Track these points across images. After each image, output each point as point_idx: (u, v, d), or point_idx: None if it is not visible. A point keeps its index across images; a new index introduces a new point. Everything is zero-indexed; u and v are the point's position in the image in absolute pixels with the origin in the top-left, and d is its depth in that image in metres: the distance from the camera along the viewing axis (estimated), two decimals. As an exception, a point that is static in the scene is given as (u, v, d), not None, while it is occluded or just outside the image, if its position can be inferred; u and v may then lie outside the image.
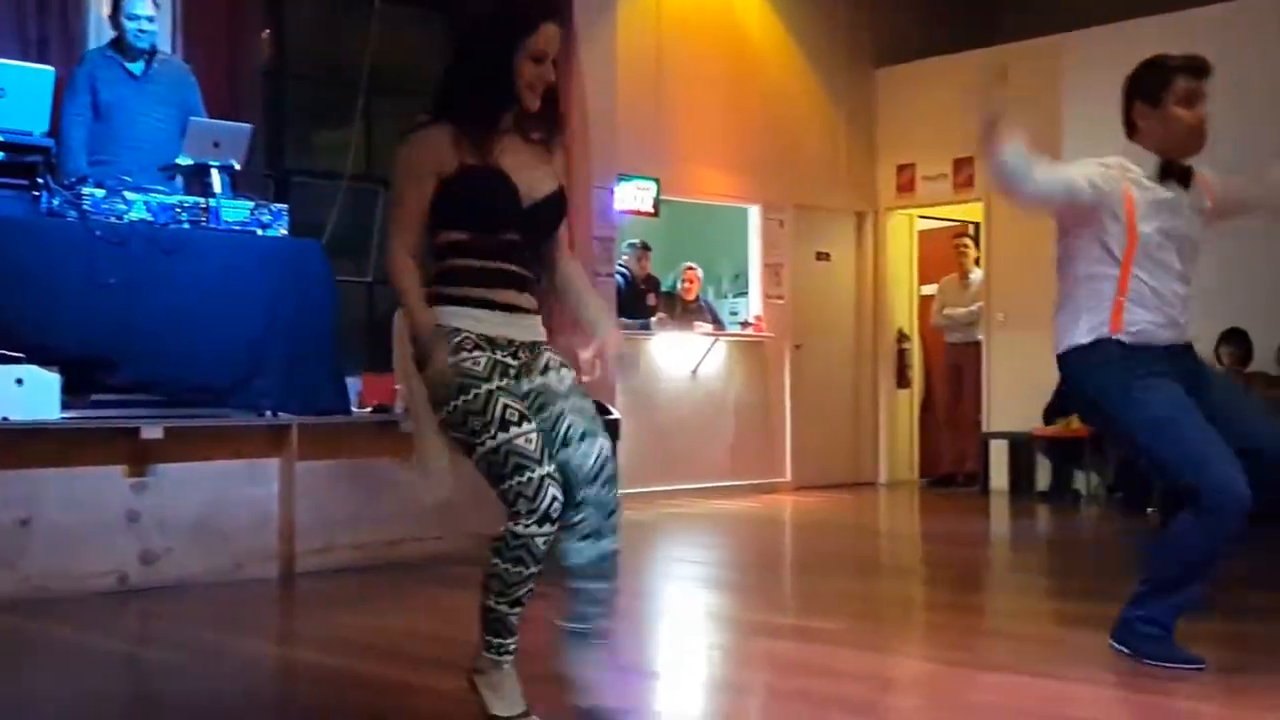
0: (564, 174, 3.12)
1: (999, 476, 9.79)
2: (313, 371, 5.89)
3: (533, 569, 2.84)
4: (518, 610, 2.91)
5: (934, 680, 3.74)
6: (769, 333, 9.81)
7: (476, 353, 2.85)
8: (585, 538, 2.90)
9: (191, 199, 5.71)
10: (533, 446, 2.80)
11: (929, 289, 10.75)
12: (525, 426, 2.81)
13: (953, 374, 10.49)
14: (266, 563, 5.45)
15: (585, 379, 3.03)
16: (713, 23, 9.34)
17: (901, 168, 10.55)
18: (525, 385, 2.94)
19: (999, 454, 9.79)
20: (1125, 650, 3.60)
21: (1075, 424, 9.05)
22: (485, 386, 2.82)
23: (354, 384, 6.80)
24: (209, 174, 5.72)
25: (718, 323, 9.78)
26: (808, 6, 10.03)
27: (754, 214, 9.90)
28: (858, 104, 10.51)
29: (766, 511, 8.43)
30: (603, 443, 2.93)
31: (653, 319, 9.14)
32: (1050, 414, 9.26)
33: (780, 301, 10.00)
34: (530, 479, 2.77)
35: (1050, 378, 9.69)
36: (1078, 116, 9.50)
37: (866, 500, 9.52)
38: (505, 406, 2.81)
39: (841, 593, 5.23)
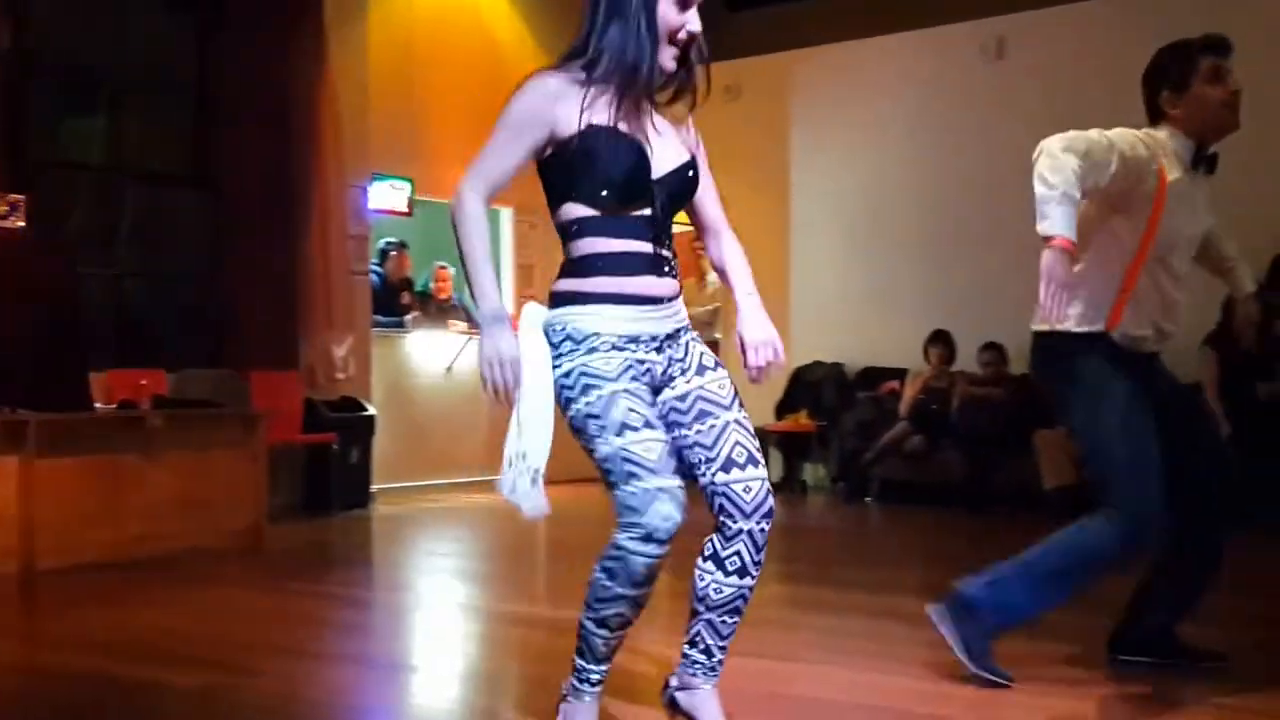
0: (695, 144, 2.72)
1: (734, 468, 10.06)
2: (54, 367, 5.57)
3: (626, 590, 2.50)
4: (605, 634, 2.59)
5: (670, 665, 3.81)
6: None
7: (611, 352, 2.52)
8: (732, 574, 2.59)
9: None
10: (652, 455, 2.45)
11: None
12: (647, 433, 2.47)
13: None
14: (4, 560, 5.14)
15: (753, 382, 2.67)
16: (463, 25, 9.24)
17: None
18: (681, 387, 2.61)
19: (735, 447, 10.06)
20: (944, 632, 3.40)
21: (803, 419, 9.43)
22: (610, 388, 2.49)
23: (101, 380, 6.48)
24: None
25: (471, 322, 9.70)
26: (553, 10, 10.02)
27: (506, 216, 9.88)
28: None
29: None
30: (765, 470, 2.62)
31: (407, 318, 9.02)
32: (781, 409, 9.62)
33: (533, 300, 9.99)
34: (639, 489, 2.44)
35: (782, 375, 10.06)
36: (803, 130, 9.90)
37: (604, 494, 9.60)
38: (628, 410, 2.48)
39: (568, 579, 5.26)
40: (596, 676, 2.66)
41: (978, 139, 8.94)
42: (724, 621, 2.65)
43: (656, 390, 2.61)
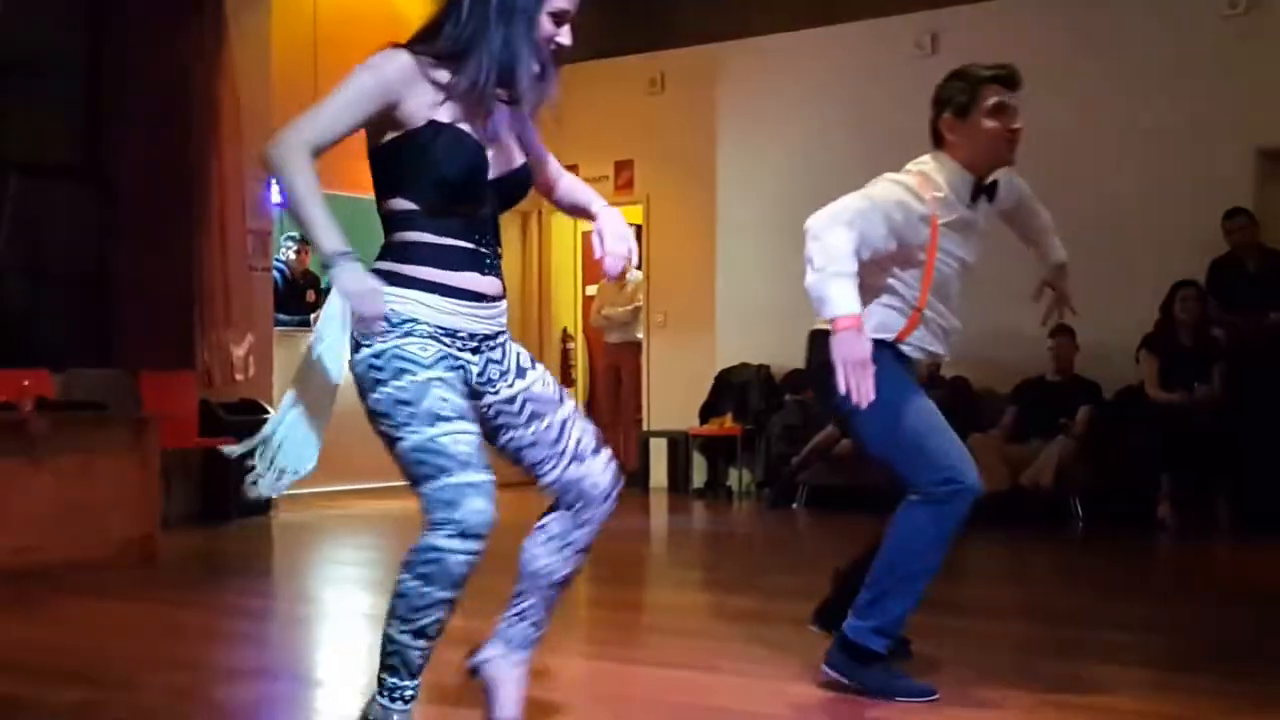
0: (532, 145, 2.76)
1: (658, 474, 10.07)
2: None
3: (445, 594, 2.46)
4: (423, 645, 2.52)
5: (592, 677, 3.79)
6: (433, 331, 9.71)
7: (428, 341, 2.50)
8: (581, 550, 2.74)
9: None
10: (464, 448, 2.44)
11: (593, 289, 10.95)
12: (460, 424, 2.46)
13: (612, 374, 10.72)
14: None
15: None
16: (372, 12, 9.14)
17: (565, 169, 10.68)
18: (505, 391, 2.63)
19: (658, 452, 10.07)
20: (845, 680, 3.40)
21: (728, 423, 9.44)
22: (424, 374, 2.46)
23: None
24: None
25: (382, 320, 9.60)
26: (468, -2, 9.98)
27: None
28: (524, 104, 10.55)
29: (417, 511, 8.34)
30: (608, 452, 2.71)
31: (312, 315, 8.89)
32: (706, 413, 9.62)
33: (445, 299, 9.92)
34: (451, 484, 2.42)
35: (706, 378, 10.09)
36: (731, 126, 9.93)
37: (529, 499, 9.53)
38: (441, 399, 2.46)
39: (503, 592, 5.22)
40: (411, 692, 2.58)
41: (911, 135, 8.90)
42: (557, 596, 2.79)
43: (473, 394, 2.60)
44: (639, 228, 10.69)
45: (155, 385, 7.40)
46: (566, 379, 11.01)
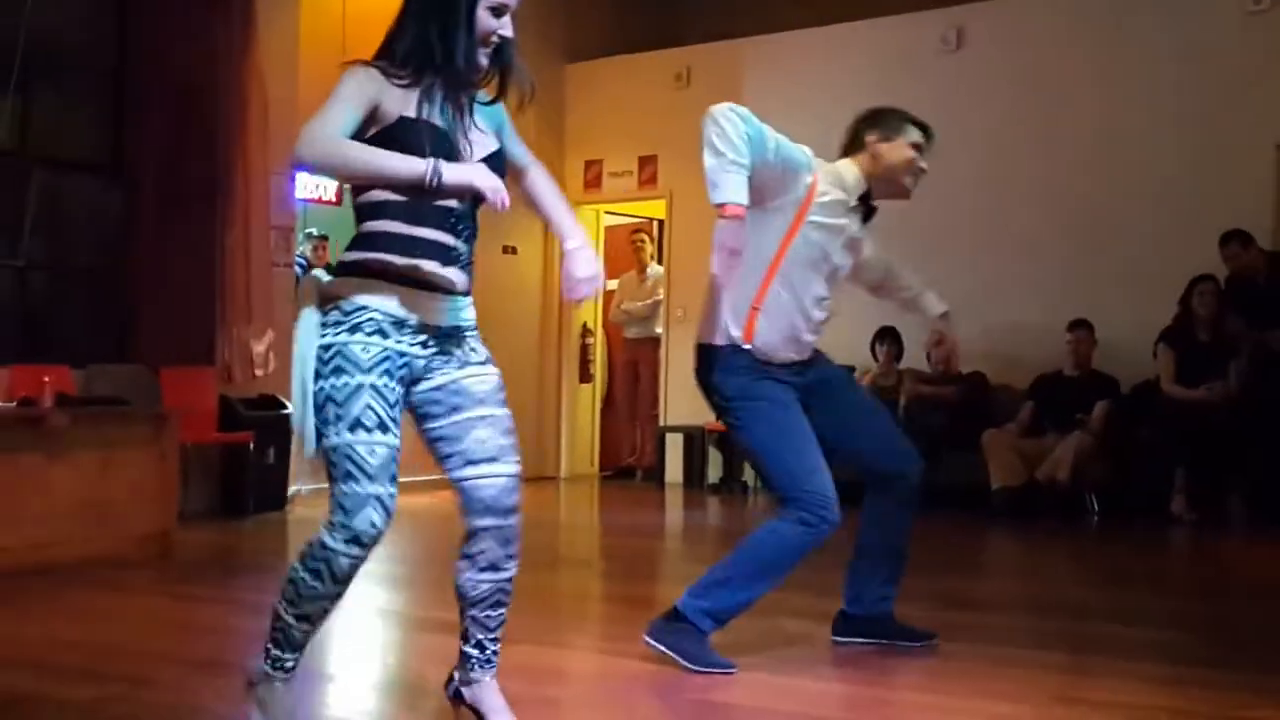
0: (509, 135, 2.88)
1: (674, 469, 10.05)
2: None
3: (329, 588, 2.59)
4: (306, 627, 2.67)
5: (604, 672, 3.78)
6: (452, 326, 9.72)
7: (374, 338, 2.58)
8: (484, 569, 2.73)
9: None
10: (374, 460, 2.54)
11: (613, 284, 10.94)
12: (377, 436, 2.55)
13: (631, 369, 10.71)
14: (-109, 569, 4.98)
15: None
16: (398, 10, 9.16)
17: (589, 163, 10.68)
18: (439, 379, 2.68)
19: (674, 447, 10.05)
20: (661, 647, 3.60)
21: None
22: (359, 379, 2.55)
23: (1, 376, 6.35)
24: None
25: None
26: (497, -1, 9.99)
27: (437, 206, 9.79)
28: (547, 99, 10.56)
29: (446, 507, 8.32)
30: (513, 467, 2.71)
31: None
32: (723, 408, 9.59)
33: (465, 295, 9.92)
34: (357, 492, 2.53)
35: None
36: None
37: (547, 494, 9.58)
38: (367, 407, 2.55)
39: (518, 586, 5.22)
40: (291, 664, 2.73)
41: (936, 130, 8.96)
42: (488, 616, 2.79)
43: (414, 381, 2.68)
44: (661, 223, 10.69)
45: (175, 380, 7.42)
46: (585, 374, 11.00)
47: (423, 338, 2.66)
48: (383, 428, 2.56)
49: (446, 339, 2.70)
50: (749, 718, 3.23)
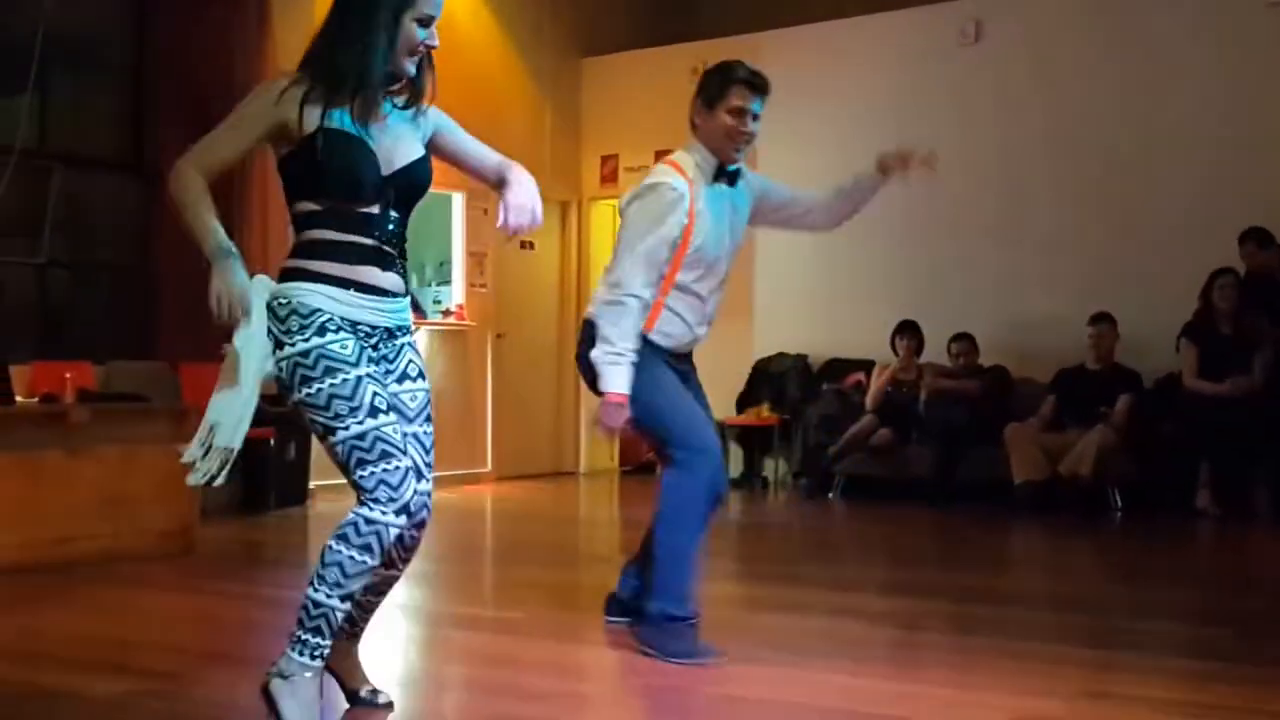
0: (433, 128, 2.98)
1: (694, 464, 10.02)
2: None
3: (377, 561, 2.75)
4: (347, 608, 2.79)
5: (626, 667, 3.78)
6: (471, 321, 9.74)
7: (342, 335, 2.73)
8: (385, 565, 2.92)
9: None
10: (399, 437, 2.75)
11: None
12: (392, 416, 2.76)
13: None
14: (-85, 564, 5.01)
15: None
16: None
17: (605, 158, 10.68)
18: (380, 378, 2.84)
19: (695, 442, 10.02)
20: (652, 652, 3.64)
21: (765, 413, 9.41)
22: (354, 372, 2.71)
23: (24, 373, 6.37)
24: None
25: (419, 311, 9.62)
26: (513, -7, 10.00)
27: (458, 201, 9.80)
28: (564, 93, 10.56)
29: (466, 502, 8.37)
30: (428, 486, 2.89)
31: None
32: (742, 403, 9.59)
33: (484, 290, 9.94)
34: (397, 468, 2.72)
35: (743, 368, 10.06)
36: (773, 114, 9.85)
37: (567, 490, 9.59)
38: (375, 394, 2.73)
39: (538, 583, 5.23)
40: (328, 651, 2.80)
41: (953, 123, 8.95)
42: (370, 601, 3.04)
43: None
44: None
45: (195, 377, 7.44)
46: (604, 369, 11.00)
47: (374, 338, 2.82)
48: (393, 407, 2.79)
49: (388, 340, 2.86)
50: (771, 711, 3.23)
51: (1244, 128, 8.09)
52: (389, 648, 4.16)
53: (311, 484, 8.02)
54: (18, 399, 5.73)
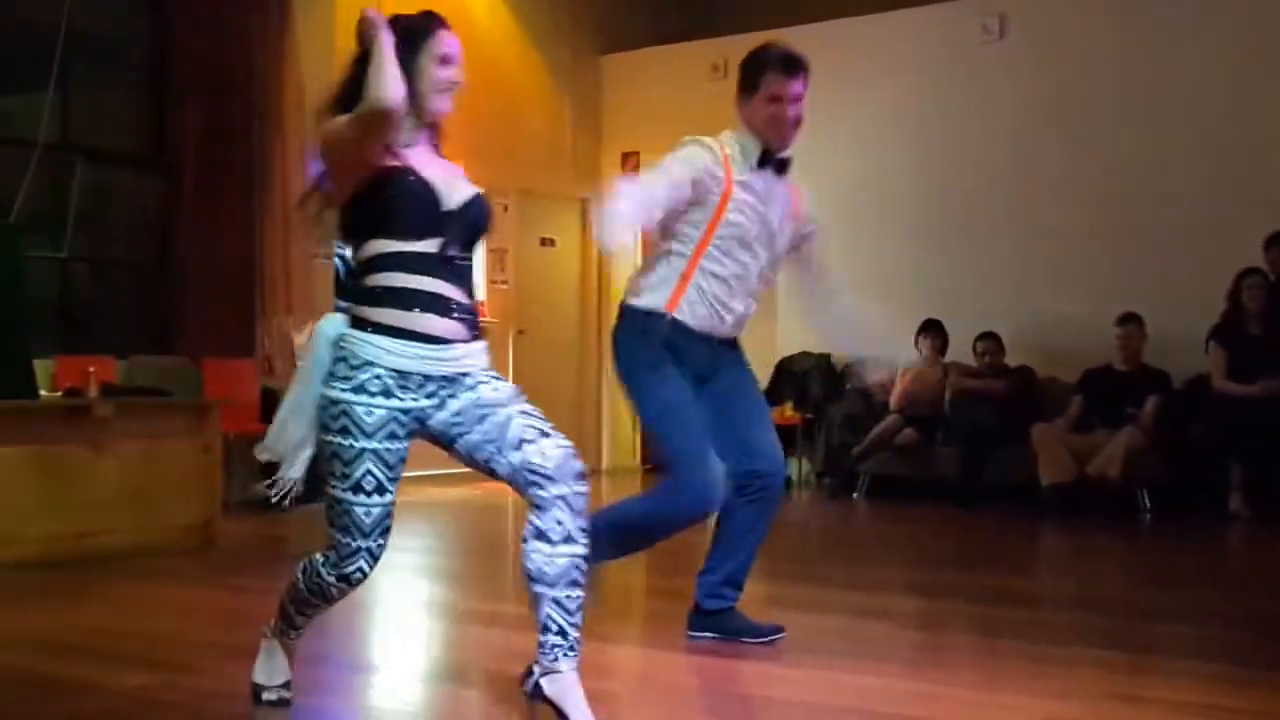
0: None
1: (717, 463, 10.03)
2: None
3: (321, 604, 2.95)
4: (303, 618, 3.02)
5: (648, 666, 3.79)
6: (492, 318, 9.76)
7: (378, 399, 2.72)
8: (560, 543, 2.72)
9: None
10: (369, 519, 2.77)
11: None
12: (375, 499, 2.76)
13: (672, 362, 10.70)
14: (-61, 557, 5.06)
15: None
16: (436, 3, 9.19)
17: (626, 155, 10.68)
18: (454, 405, 2.77)
19: (717, 441, 10.03)
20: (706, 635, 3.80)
21: (789, 412, 9.41)
22: (362, 444, 2.73)
23: (47, 367, 6.42)
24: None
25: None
26: (533, -10, 10.02)
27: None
28: (584, 90, 10.58)
29: (487, 499, 8.39)
30: (566, 440, 2.77)
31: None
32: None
33: (504, 287, 9.97)
34: (350, 544, 2.79)
35: (767, 366, 10.06)
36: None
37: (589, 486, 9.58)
38: (368, 472, 2.74)
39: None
40: (294, 635, 3.09)
41: (977, 120, 8.92)
42: (568, 596, 2.75)
43: (426, 419, 2.79)
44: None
45: (217, 372, 7.50)
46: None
47: (429, 389, 2.77)
48: (380, 490, 2.77)
49: (451, 385, 2.79)
50: (793, 711, 3.24)
51: (1272, 127, 8.05)
52: (412, 644, 4.19)
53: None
54: (41, 393, 5.78)
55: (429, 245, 2.74)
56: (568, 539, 2.72)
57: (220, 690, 3.31)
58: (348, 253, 9.13)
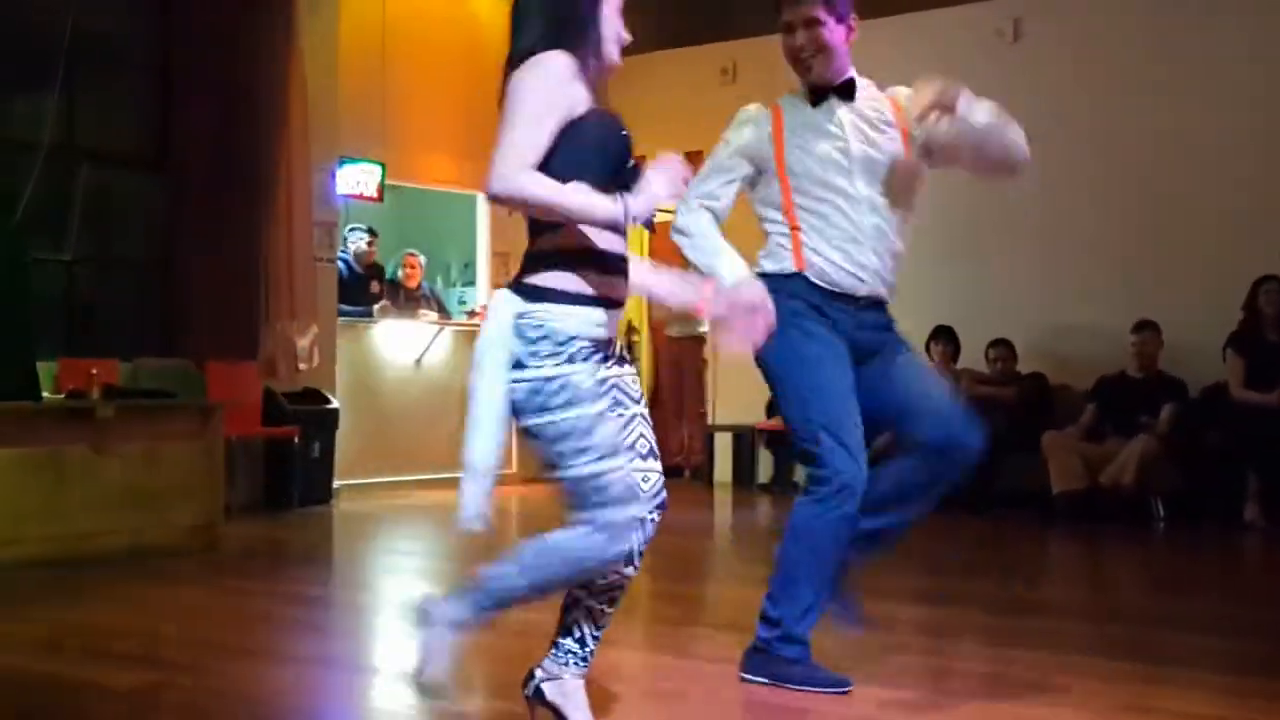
0: None
1: (723, 468, 10.03)
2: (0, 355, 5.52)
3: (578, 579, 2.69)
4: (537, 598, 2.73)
5: (652, 671, 3.78)
6: (497, 321, 9.75)
7: (588, 365, 2.54)
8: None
9: None
10: (647, 485, 2.63)
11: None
12: (651, 462, 2.66)
13: (675, 368, 10.70)
14: (-59, 557, 5.07)
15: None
16: (440, 12, 9.19)
17: (635, 159, 10.67)
18: (600, 373, 2.60)
19: (724, 446, 10.03)
20: (762, 680, 3.43)
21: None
22: (594, 407, 2.52)
23: (50, 369, 6.43)
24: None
25: (443, 311, 9.66)
26: (538, -10, 10.01)
27: (482, 201, 9.83)
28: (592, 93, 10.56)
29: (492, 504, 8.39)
30: (661, 466, 2.71)
31: (375, 307, 8.97)
32: (772, 408, 9.56)
33: (509, 290, 9.96)
34: (627, 518, 2.56)
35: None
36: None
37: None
38: (616, 431, 2.58)
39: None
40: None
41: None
42: (602, 610, 2.75)
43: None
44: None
45: (220, 374, 7.50)
46: (631, 373, 11.01)
47: (606, 352, 2.64)
48: (654, 454, 2.68)
49: (611, 345, 2.69)
50: None
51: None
52: (410, 646, 4.17)
53: (336, 483, 8.06)
54: (44, 395, 5.78)
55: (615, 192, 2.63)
56: (628, 559, 2.66)
57: (224, 690, 3.30)
58: (349, 254, 9.12)
